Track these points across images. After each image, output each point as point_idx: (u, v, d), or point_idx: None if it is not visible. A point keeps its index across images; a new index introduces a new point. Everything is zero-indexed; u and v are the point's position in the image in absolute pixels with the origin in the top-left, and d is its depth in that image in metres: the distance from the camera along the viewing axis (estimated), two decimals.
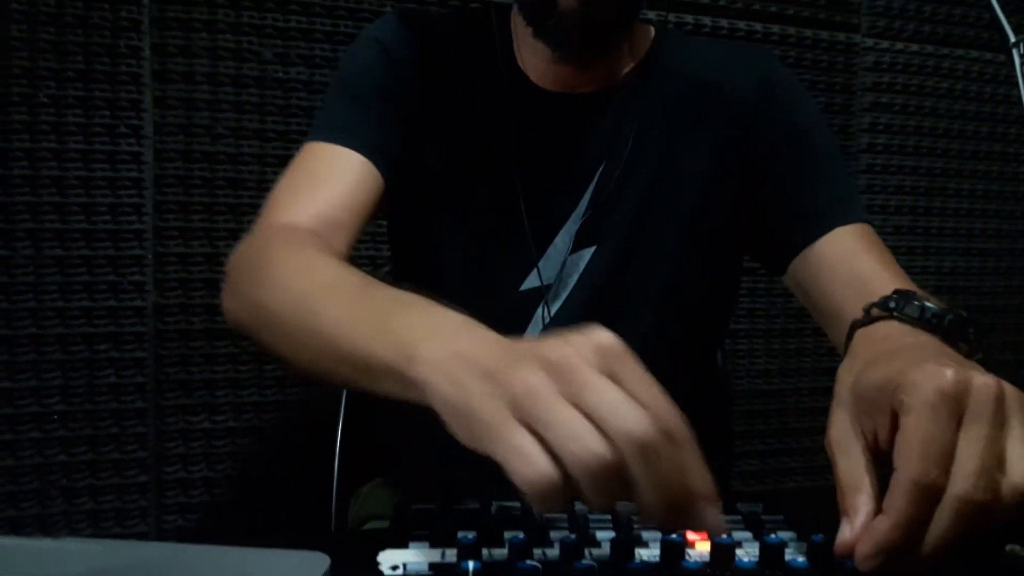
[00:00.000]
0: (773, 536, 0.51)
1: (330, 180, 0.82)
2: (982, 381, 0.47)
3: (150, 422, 1.44)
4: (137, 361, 1.42)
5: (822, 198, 0.88)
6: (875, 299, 0.82)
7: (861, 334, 0.61)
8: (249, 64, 1.44)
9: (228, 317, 0.74)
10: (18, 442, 1.37)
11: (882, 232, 0.93)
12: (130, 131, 1.40)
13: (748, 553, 0.52)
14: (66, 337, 1.39)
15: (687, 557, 0.50)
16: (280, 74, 1.46)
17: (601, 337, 0.46)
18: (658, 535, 0.53)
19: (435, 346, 0.49)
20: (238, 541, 0.50)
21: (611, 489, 0.42)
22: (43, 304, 1.38)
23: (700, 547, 0.52)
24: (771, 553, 0.50)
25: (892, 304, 0.58)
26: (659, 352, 0.91)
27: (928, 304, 0.56)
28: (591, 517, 0.57)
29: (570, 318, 0.89)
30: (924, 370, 0.47)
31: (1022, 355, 1.93)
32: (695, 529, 0.46)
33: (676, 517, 0.44)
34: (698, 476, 0.44)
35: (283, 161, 1.44)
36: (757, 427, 1.79)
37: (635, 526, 0.56)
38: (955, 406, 0.46)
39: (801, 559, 0.50)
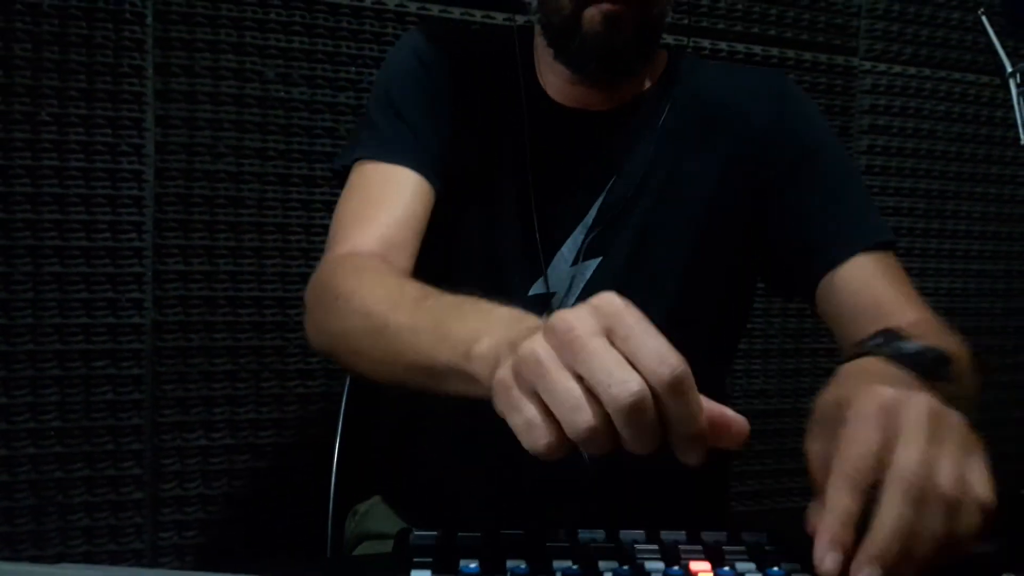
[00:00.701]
0: (776, 569, 0.51)
1: (387, 201, 0.86)
2: (921, 399, 0.49)
3: (146, 439, 1.43)
4: (135, 378, 1.42)
5: (842, 222, 0.89)
6: (888, 324, 0.83)
7: (842, 368, 0.62)
8: (251, 84, 1.45)
9: (313, 345, 0.80)
10: (14, 458, 1.37)
11: None
12: (132, 149, 1.40)
13: None
14: (64, 353, 1.39)
15: None
16: (282, 94, 1.46)
17: (601, 299, 0.48)
18: (661, 566, 0.53)
19: (488, 340, 0.53)
20: (233, 562, 0.50)
21: (606, 444, 0.46)
22: (41, 320, 1.37)
23: None
24: None
25: (874, 343, 0.60)
26: None
27: (908, 343, 0.58)
28: (594, 547, 0.57)
29: None
30: (869, 388, 0.50)
31: (1019, 376, 1.93)
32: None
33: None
34: (692, 423, 0.47)
35: (284, 180, 1.46)
36: (755, 447, 1.78)
37: (638, 557, 0.56)
38: (891, 420, 0.48)
39: None
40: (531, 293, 0.90)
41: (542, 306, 0.90)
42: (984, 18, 0.89)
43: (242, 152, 1.45)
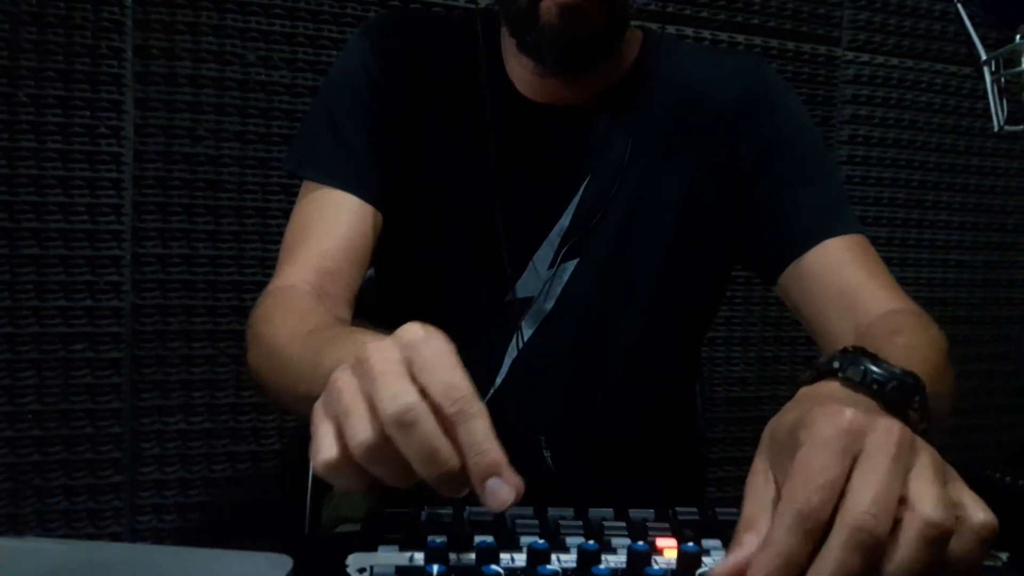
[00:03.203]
0: None
1: (324, 229, 0.85)
2: (885, 424, 0.44)
3: (125, 423, 1.43)
4: (113, 362, 1.42)
5: (811, 208, 0.87)
6: (860, 315, 0.82)
7: (799, 392, 0.56)
8: (232, 67, 1.44)
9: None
10: None
11: None
12: (110, 132, 1.39)
13: (715, 560, 0.52)
14: (41, 336, 1.38)
15: (654, 564, 0.50)
16: (262, 77, 1.46)
17: (404, 330, 0.49)
18: (627, 541, 0.53)
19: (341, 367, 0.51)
20: (208, 543, 0.50)
21: (389, 466, 0.46)
22: (19, 303, 1.37)
23: (668, 554, 0.53)
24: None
25: (836, 364, 0.54)
26: (642, 361, 0.92)
27: (873, 367, 0.52)
28: (562, 524, 0.58)
29: (555, 329, 0.89)
30: (826, 409, 0.45)
31: (996, 366, 1.95)
32: (491, 505, 0.46)
33: (447, 484, 0.46)
34: (476, 447, 0.45)
35: (264, 163, 1.46)
36: (734, 434, 1.80)
37: (606, 534, 0.56)
38: (850, 443, 0.43)
39: None
40: (509, 299, 0.89)
41: (521, 312, 0.89)
42: (960, 6, 0.89)
43: (222, 135, 1.44)
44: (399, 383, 0.46)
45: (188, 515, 1.48)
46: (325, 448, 0.47)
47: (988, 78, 0.85)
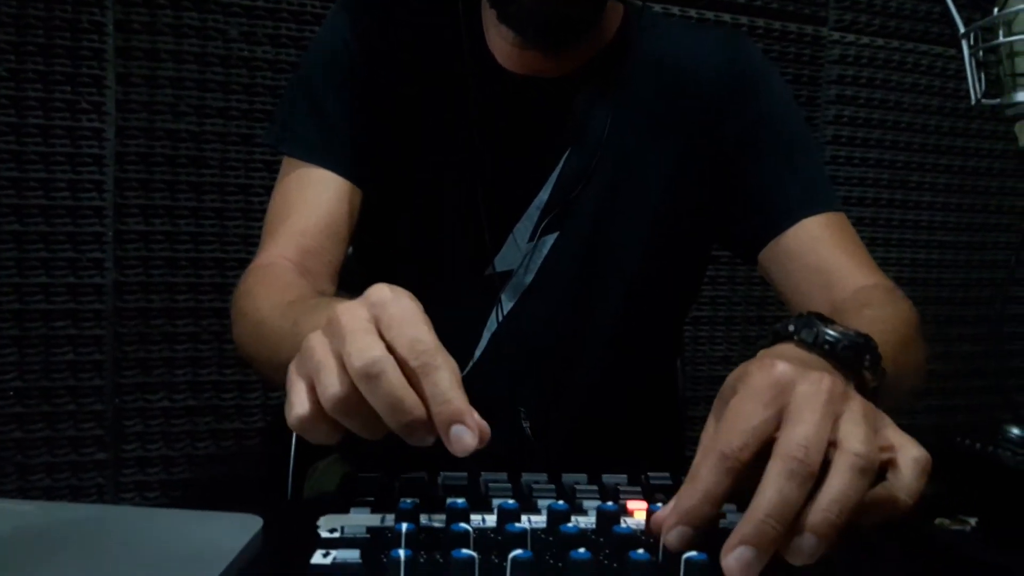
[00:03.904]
0: None
1: (306, 209, 0.85)
2: (816, 375, 0.46)
3: (108, 400, 1.42)
4: (96, 338, 1.41)
5: (790, 187, 0.88)
6: (836, 292, 0.83)
7: (760, 354, 0.58)
8: (214, 42, 1.43)
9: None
10: None
11: None
12: (92, 107, 1.38)
13: None
14: (23, 313, 1.37)
15: (621, 523, 0.50)
16: (245, 53, 1.45)
17: (373, 291, 0.50)
18: (596, 503, 0.53)
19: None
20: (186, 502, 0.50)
21: (359, 417, 0.47)
22: None
23: (638, 516, 0.53)
24: None
25: (792, 327, 0.57)
26: (623, 336, 0.92)
27: (826, 330, 0.55)
28: (535, 487, 0.58)
29: (534, 303, 0.89)
30: (762, 363, 0.48)
31: (978, 346, 1.96)
32: (456, 451, 0.46)
33: (414, 433, 0.47)
34: (441, 396, 0.46)
35: (247, 140, 1.45)
36: None
37: (578, 497, 0.56)
38: (778, 393, 0.45)
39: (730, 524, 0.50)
40: (488, 272, 0.89)
41: (501, 285, 0.89)
42: None
43: (204, 111, 1.43)
44: (366, 339, 0.47)
45: (171, 492, 1.48)
46: (298, 404, 0.48)
47: (966, 51, 0.86)
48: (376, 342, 0.47)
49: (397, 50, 0.89)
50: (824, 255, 0.85)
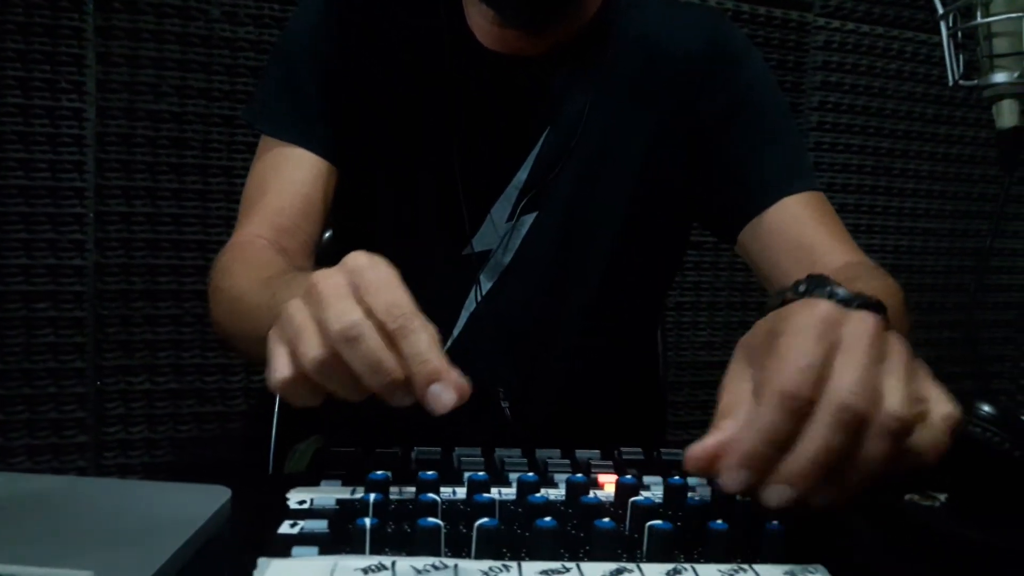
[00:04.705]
0: (678, 478, 0.52)
1: (281, 188, 0.86)
2: (860, 315, 0.46)
3: (89, 382, 1.42)
4: (77, 320, 1.41)
5: (771, 166, 0.88)
6: (820, 268, 0.83)
7: (771, 315, 0.57)
8: (196, 22, 1.42)
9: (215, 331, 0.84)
10: None
11: None
12: (72, 87, 1.37)
13: (655, 494, 0.52)
14: (3, 295, 1.37)
15: (590, 494, 0.50)
16: (228, 33, 1.44)
17: (350, 259, 0.51)
18: (566, 475, 0.53)
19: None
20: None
21: (340, 379, 0.48)
22: None
23: (608, 489, 0.53)
24: (674, 493, 0.51)
25: (803, 288, 0.55)
26: (601, 317, 0.92)
27: (838, 289, 0.53)
28: (508, 461, 0.58)
29: (513, 283, 0.89)
30: (804, 303, 0.48)
31: (958, 333, 1.97)
32: (435, 409, 0.47)
33: (393, 394, 0.48)
34: (419, 357, 0.47)
35: (228, 121, 1.44)
36: (700, 398, 1.81)
37: (549, 471, 0.56)
38: (827, 330, 0.44)
39: (700, 499, 0.51)
40: (466, 252, 0.89)
41: (479, 264, 0.89)
42: None
43: (186, 92, 1.43)
44: (345, 303, 0.48)
45: (154, 476, 1.47)
46: (280, 367, 0.49)
47: (944, 32, 0.86)
48: (354, 306, 0.47)
49: (376, 29, 0.88)
50: (807, 232, 0.85)
